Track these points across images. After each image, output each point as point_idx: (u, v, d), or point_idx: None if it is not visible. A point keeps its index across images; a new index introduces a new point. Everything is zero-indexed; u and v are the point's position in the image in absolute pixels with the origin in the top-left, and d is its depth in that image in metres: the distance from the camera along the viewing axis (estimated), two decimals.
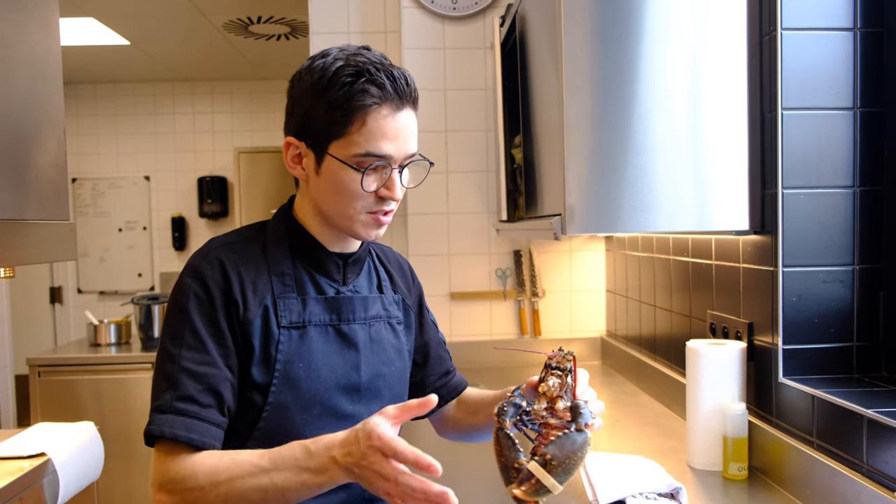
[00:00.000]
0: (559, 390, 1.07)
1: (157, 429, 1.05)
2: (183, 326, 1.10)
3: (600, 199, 1.53)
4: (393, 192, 1.15)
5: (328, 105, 1.10)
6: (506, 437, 1.04)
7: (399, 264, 1.40)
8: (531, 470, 0.99)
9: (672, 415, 2.06)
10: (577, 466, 1.00)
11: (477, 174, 2.85)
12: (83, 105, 5.89)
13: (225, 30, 4.52)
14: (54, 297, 5.89)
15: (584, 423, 1.02)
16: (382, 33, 3.02)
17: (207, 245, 1.18)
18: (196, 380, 1.08)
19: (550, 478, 0.98)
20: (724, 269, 1.75)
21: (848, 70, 1.46)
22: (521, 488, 0.99)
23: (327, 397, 1.16)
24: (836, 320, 1.47)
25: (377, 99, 1.10)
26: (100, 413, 3.50)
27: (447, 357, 1.44)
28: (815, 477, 1.35)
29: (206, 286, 1.12)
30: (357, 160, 1.11)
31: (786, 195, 1.46)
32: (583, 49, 1.52)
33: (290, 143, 1.17)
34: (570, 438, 1.01)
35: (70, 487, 1.92)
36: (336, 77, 1.10)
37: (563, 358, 1.10)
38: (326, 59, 1.13)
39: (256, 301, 1.14)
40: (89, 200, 5.91)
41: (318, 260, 1.21)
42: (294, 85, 1.16)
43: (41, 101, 1.56)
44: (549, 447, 1.00)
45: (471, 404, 1.39)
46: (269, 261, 1.18)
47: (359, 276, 1.27)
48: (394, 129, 1.12)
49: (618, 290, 2.72)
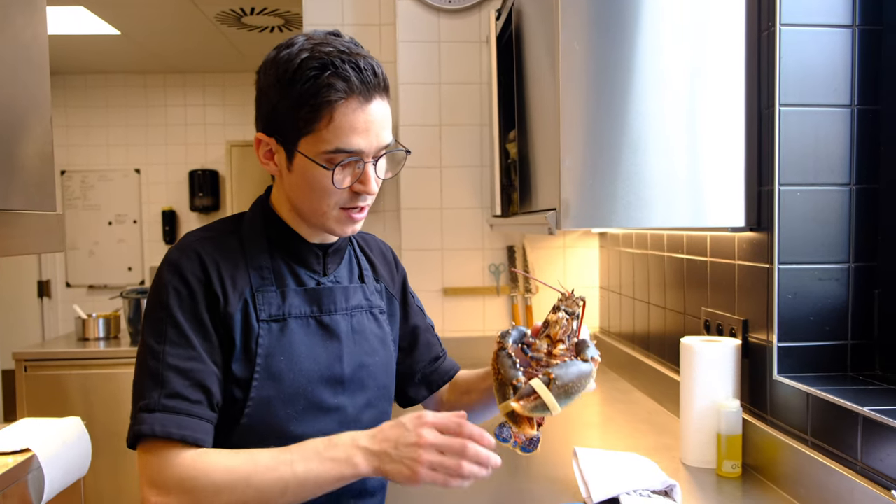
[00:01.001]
0: (563, 333, 1.08)
1: (149, 428, 1.02)
2: (165, 322, 1.08)
3: (596, 194, 1.52)
4: (367, 186, 1.12)
5: (295, 101, 1.07)
6: (507, 356, 1.05)
7: (381, 251, 1.38)
8: (533, 386, 0.99)
9: (665, 412, 2.05)
10: (577, 393, 1.00)
11: (471, 169, 2.83)
12: (73, 96, 5.83)
13: (217, 21, 4.48)
14: (42, 291, 5.84)
15: (591, 356, 1.04)
16: (377, 25, 3.00)
17: (184, 239, 1.16)
18: (183, 376, 1.06)
19: (551, 396, 0.98)
20: (718, 265, 1.74)
21: (846, 67, 1.45)
22: (519, 402, 0.99)
23: (311, 390, 1.14)
24: (831, 318, 1.46)
25: (343, 93, 1.06)
26: (88, 408, 3.46)
27: (436, 342, 1.42)
28: (810, 475, 1.34)
29: (186, 280, 1.10)
30: (327, 157, 1.08)
31: (782, 192, 1.45)
32: (580, 42, 1.50)
33: (261, 139, 1.14)
34: (576, 365, 1.02)
35: (56, 484, 1.89)
36: (301, 70, 1.06)
37: (573, 302, 1.11)
38: (292, 49, 1.08)
39: (236, 295, 1.12)
40: (79, 193, 5.86)
41: (297, 251, 1.19)
42: (261, 77, 1.12)
43: (27, 89, 1.53)
44: (554, 369, 1.01)
45: (462, 385, 1.39)
46: (246, 254, 1.16)
47: (339, 267, 1.25)
48: (364, 122, 1.08)
49: (611, 286, 2.71)
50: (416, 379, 1.38)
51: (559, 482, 1.54)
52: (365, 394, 1.21)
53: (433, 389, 1.39)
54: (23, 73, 1.50)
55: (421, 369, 1.38)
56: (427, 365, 1.39)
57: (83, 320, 3.75)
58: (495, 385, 1.04)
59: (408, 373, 1.38)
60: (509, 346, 1.06)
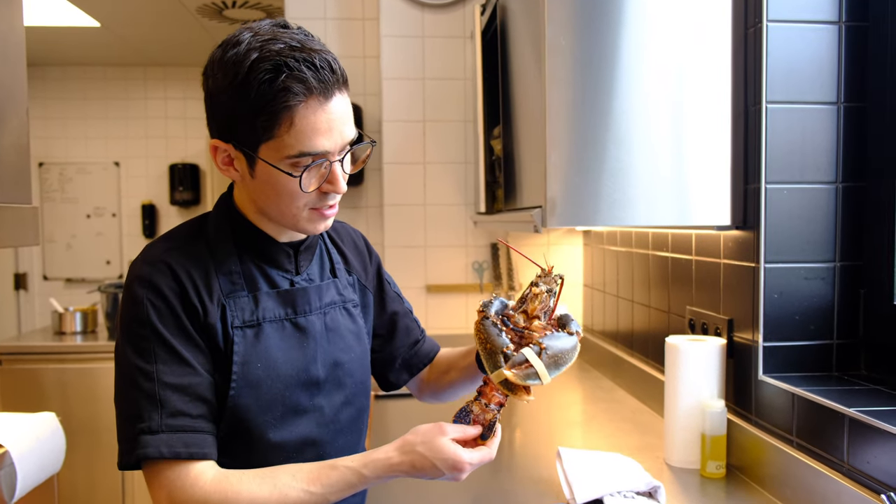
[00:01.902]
0: (540, 309, 1.08)
1: (155, 451, 0.99)
2: (151, 341, 1.04)
3: (581, 192, 1.50)
4: (336, 185, 1.07)
5: (250, 107, 1.00)
6: (492, 324, 1.05)
7: (353, 241, 1.34)
8: (525, 354, 1.00)
9: (649, 411, 2.04)
10: (565, 364, 1.02)
11: (455, 165, 2.81)
12: (51, 88, 5.73)
13: (199, 14, 4.42)
14: (19, 284, 5.74)
15: (575, 329, 1.06)
16: (360, 20, 2.96)
17: (150, 252, 1.10)
18: (182, 392, 1.03)
19: (542, 365, 1.00)
20: (704, 264, 1.72)
21: (832, 64, 1.44)
22: (512, 370, 1.00)
23: (288, 395, 1.11)
24: (817, 317, 1.45)
25: (301, 96, 1.00)
26: (64, 403, 3.41)
27: (415, 326, 1.39)
28: (795, 476, 1.33)
29: (163, 295, 1.05)
30: (291, 162, 1.03)
31: (769, 190, 1.44)
32: (566, 37, 1.48)
33: (217, 146, 1.07)
34: (564, 337, 1.04)
35: (28, 480, 1.85)
36: (253, 73, 0.99)
37: (552, 279, 1.11)
38: (239, 49, 1.00)
39: (213, 303, 1.08)
40: (56, 186, 5.76)
41: (267, 252, 1.14)
42: (209, 80, 1.05)
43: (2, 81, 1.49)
44: (545, 339, 1.02)
45: (442, 364, 1.37)
46: (213, 259, 1.11)
47: (311, 263, 1.21)
48: (326, 121, 1.03)
49: (595, 284, 2.70)
50: (396, 364, 1.36)
51: (542, 483, 1.52)
52: (342, 392, 1.18)
53: (414, 373, 1.37)
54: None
55: (401, 354, 1.36)
56: (407, 349, 1.37)
57: (60, 314, 3.69)
58: (483, 354, 1.04)
59: (388, 359, 1.35)
60: (492, 315, 1.06)
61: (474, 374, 1.27)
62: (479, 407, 1.09)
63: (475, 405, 1.09)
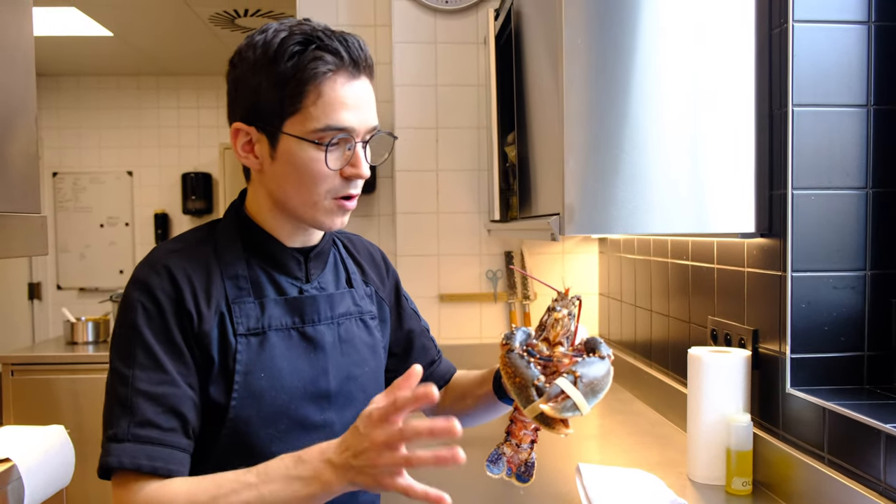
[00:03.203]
0: (563, 334, 1.02)
1: (116, 460, 0.95)
2: (133, 344, 1.00)
3: (600, 198, 1.45)
4: (359, 168, 1.04)
5: (277, 79, 1.00)
6: (519, 357, 0.97)
7: (370, 253, 1.30)
8: (560, 385, 0.92)
9: (669, 424, 1.98)
10: (602, 391, 0.94)
11: (468, 172, 2.77)
12: (65, 98, 5.76)
13: (211, 22, 4.42)
14: (33, 294, 5.76)
15: (606, 353, 0.97)
16: (372, 27, 2.93)
17: (153, 254, 1.08)
18: (154, 402, 0.98)
19: (580, 395, 0.92)
20: (726, 273, 1.67)
21: (861, 65, 1.39)
22: (549, 403, 0.92)
23: (294, 408, 1.06)
24: (847, 328, 1.40)
25: (332, 66, 1.00)
26: (76, 414, 3.38)
27: (432, 346, 1.35)
28: (826, 494, 1.28)
29: (155, 298, 1.02)
30: (317, 136, 1.01)
31: (795, 196, 1.39)
32: (583, 38, 1.44)
33: (239, 129, 1.06)
34: (596, 362, 0.95)
35: (36, 495, 1.82)
36: (283, 48, 0.99)
37: (569, 301, 1.05)
38: (267, 33, 1.02)
39: (211, 310, 1.04)
40: (70, 195, 5.78)
41: (276, 257, 1.11)
42: (235, 66, 1.05)
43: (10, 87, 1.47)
44: (578, 367, 0.94)
45: (457, 389, 1.31)
46: (220, 263, 1.07)
47: (324, 272, 1.16)
48: (353, 97, 1.02)
49: (612, 293, 2.64)
50: None
51: (562, 499, 1.47)
52: (354, 408, 1.13)
53: None
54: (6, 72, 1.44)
55: None
56: (423, 370, 1.31)
57: (72, 324, 3.68)
58: (513, 389, 0.97)
59: None
60: (517, 347, 1.00)
61: (492, 404, 1.21)
62: (510, 448, 1.03)
63: (506, 447, 1.03)
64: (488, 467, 1.02)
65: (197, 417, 1.02)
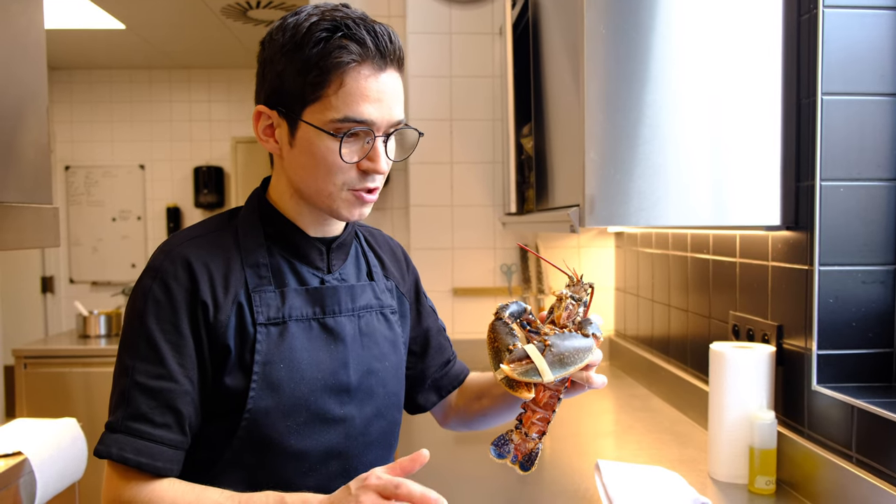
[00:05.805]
0: (567, 318, 1.01)
1: (106, 449, 0.95)
2: (138, 335, 0.99)
3: (621, 190, 1.42)
4: (377, 163, 1.01)
5: (302, 65, 0.97)
6: (503, 324, 0.99)
7: (391, 248, 1.27)
8: (526, 349, 0.94)
9: (689, 421, 1.95)
10: (572, 365, 0.94)
11: (483, 165, 2.74)
12: (77, 91, 5.76)
13: (223, 15, 4.39)
14: (46, 287, 5.77)
15: (592, 332, 0.97)
16: (386, 17, 2.90)
17: (170, 241, 1.05)
18: (150, 396, 0.97)
19: (544, 361, 0.92)
20: (749, 267, 1.63)
21: (893, 52, 1.35)
22: (510, 365, 0.93)
23: (313, 400, 1.04)
24: (876, 324, 1.36)
25: (356, 56, 0.97)
26: (89, 407, 3.38)
27: (447, 345, 1.32)
28: (854, 494, 1.24)
29: (168, 287, 0.99)
30: (334, 126, 0.98)
31: (824, 188, 1.35)
32: (606, 25, 1.40)
33: (261, 112, 1.04)
34: (575, 337, 0.96)
35: (48, 489, 1.81)
36: (310, 33, 0.97)
37: (581, 287, 1.03)
38: (299, 16, 1.00)
39: (229, 299, 1.01)
40: (83, 189, 5.78)
41: (298, 246, 1.08)
42: (265, 47, 1.04)
43: (21, 79, 1.45)
44: (551, 337, 0.95)
45: (474, 389, 1.28)
46: (241, 251, 1.05)
47: (345, 263, 1.14)
48: (376, 90, 0.99)
49: (628, 288, 2.61)
50: (426, 384, 1.28)
51: (580, 496, 1.44)
52: (374, 402, 1.10)
53: (443, 395, 1.29)
54: (17, 63, 1.42)
55: (431, 374, 1.28)
56: (438, 369, 1.29)
57: (84, 317, 3.68)
58: (490, 353, 0.97)
59: (419, 377, 1.27)
60: (506, 316, 0.99)
61: (509, 403, 1.19)
62: (519, 436, 1.01)
63: (515, 434, 1.01)
64: (493, 451, 1.01)
65: (196, 413, 1.01)
